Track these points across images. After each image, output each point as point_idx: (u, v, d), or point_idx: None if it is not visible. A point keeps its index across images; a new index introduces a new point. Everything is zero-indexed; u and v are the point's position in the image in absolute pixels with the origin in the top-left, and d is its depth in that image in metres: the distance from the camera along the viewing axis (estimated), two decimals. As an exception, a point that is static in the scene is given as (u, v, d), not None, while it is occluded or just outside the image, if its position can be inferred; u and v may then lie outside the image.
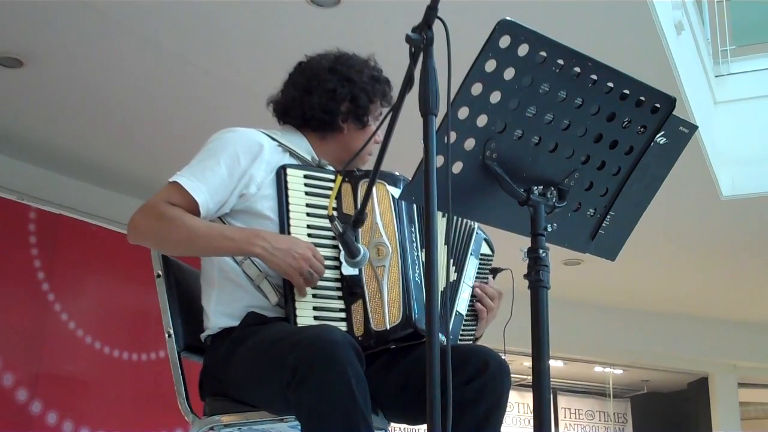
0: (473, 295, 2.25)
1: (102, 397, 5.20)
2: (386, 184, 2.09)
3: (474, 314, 2.26)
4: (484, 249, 2.32)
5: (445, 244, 2.03)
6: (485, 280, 2.31)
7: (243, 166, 2.03)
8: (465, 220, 2.24)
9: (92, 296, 5.33)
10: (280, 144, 2.11)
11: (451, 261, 2.17)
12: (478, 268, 2.28)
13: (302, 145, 2.17)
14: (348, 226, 1.86)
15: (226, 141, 2.07)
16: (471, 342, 2.26)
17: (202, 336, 2.10)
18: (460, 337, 2.20)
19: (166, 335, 2.16)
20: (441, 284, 1.81)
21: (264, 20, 4.08)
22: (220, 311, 2.05)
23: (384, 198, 2.07)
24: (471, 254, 2.23)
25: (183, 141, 5.34)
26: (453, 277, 2.15)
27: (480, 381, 1.93)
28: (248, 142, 2.06)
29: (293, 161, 2.12)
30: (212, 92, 4.77)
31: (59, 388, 4.99)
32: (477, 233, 2.27)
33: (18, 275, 4.94)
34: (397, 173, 2.13)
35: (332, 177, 2.08)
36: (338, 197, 2.05)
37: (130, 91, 4.77)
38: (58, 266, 5.11)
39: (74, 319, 5.12)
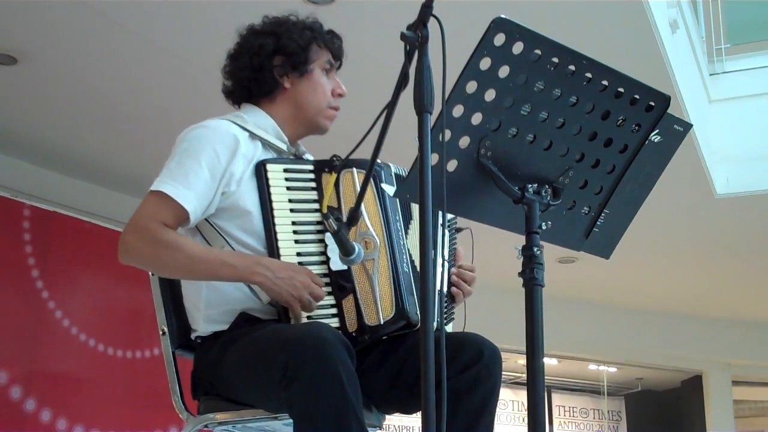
0: (450, 282, 2.19)
1: (96, 395, 5.19)
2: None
3: (450, 289, 2.20)
4: (448, 215, 2.25)
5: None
6: (455, 246, 2.25)
7: (224, 165, 1.99)
8: None
9: (86, 294, 5.32)
10: (252, 134, 2.07)
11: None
12: (449, 237, 2.23)
13: (268, 125, 2.13)
14: (342, 224, 1.86)
15: (203, 138, 2.01)
16: (450, 321, 2.24)
17: (192, 335, 2.09)
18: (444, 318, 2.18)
19: (161, 333, 2.16)
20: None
21: (260, 18, 4.07)
22: (210, 316, 2.02)
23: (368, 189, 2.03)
24: (440, 226, 2.16)
25: (177, 138, 5.35)
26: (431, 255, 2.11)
27: (475, 369, 1.94)
28: (224, 137, 2.01)
29: (267, 151, 2.10)
30: (207, 89, 4.73)
31: (53, 385, 4.98)
32: None
33: (12, 273, 4.93)
34: (378, 161, 2.04)
35: (311, 168, 2.06)
36: (318, 189, 2.03)
37: (125, 89, 4.76)
38: (52, 264, 5.10)
39: (68, 317, 5.11)
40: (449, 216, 2.26)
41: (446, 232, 2.20)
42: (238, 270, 1.91)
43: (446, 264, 2.17)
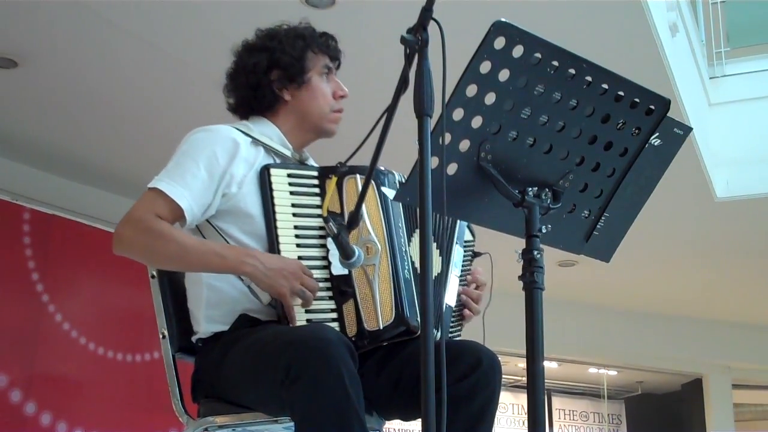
0: (459, 294, 2.20)
1: (96, 398, 5.19)
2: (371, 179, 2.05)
3: (460, 306, 2.21)
4: (467, 236, 2.28)
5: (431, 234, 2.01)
6: (469, 267, 2.27)
7: (222, 166, 2.00)
8: None
9: (86, 297, 5.32)
10: (254, 139, 2.09)
11: (438, 252, 2.12)
12: (463, 256, 2.24)
13: (273, 133, 2.14)
14: (342, 227, 1.86)
15: (202, 141, 2.04)
16: (456, 337, 2.24)
17: (193, 338, 2.09)
18: (449, 331, 2.19)
19: (161, 336, 2.16)
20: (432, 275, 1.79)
21: (259, 21, 4.06)
22: (211, 316, 2.03)
23: (370, 194, 2.02)
24: (456, 243, 2.18)
25: (177, 142, 5.34)
26: (440, 268, 2.11)
27: (473, 377, 1.93)
28: (224, 140, 2.03)
29: (269, 156, 2.10)
30: (207, 93, 4.75)
31: (53, 389, 4.98)
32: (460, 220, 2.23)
33: (12, 276, 4.93)
34: (382, 167, 2.08)
35: (315, 173, 2.06)
36: (322, 195, 2.03)
37: (125, 92, 4.76)
38: (52, 267, 5.10)
39: (68, 320, 5.11)
40: (468, 237, 2.28)
41: (461, 249, 2.21)
42: (228, 260, 1.92)
43: (456, 280, 2.18)
